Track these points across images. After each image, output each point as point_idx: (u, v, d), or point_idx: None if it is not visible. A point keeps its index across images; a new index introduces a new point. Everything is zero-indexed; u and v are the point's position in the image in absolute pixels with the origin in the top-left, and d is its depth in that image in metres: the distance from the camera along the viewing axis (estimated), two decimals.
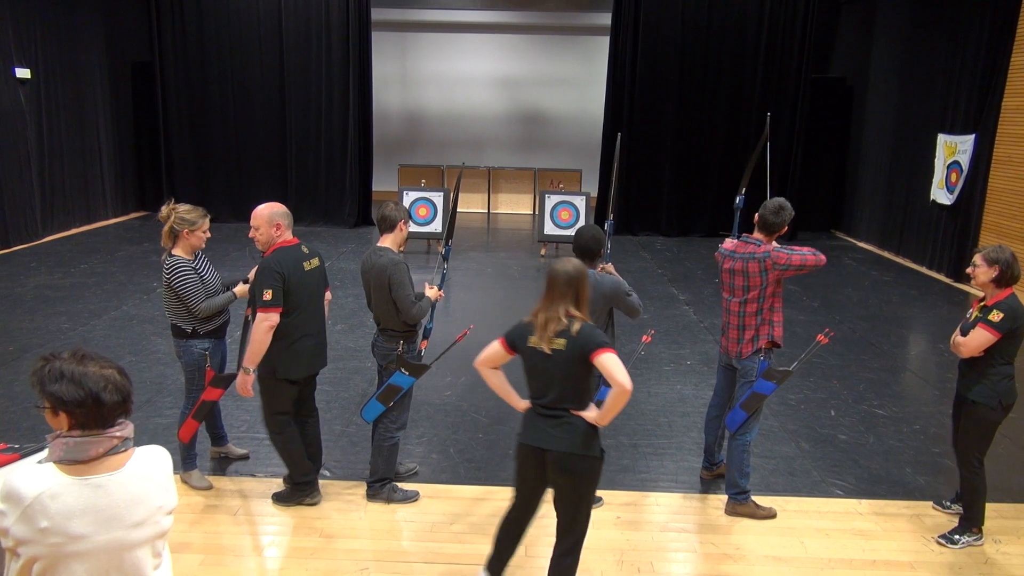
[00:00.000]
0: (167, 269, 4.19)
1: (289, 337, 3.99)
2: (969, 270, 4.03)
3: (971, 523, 4.11)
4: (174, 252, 4.22)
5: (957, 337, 4.01)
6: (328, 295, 4.32)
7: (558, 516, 3.32)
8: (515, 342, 3.21)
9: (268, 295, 3.87)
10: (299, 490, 4.29)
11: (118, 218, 13.24)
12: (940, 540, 4.12)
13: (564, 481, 3.20)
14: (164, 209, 4.25)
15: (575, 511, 3.28)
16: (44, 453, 2.01)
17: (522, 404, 3.32)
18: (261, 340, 3.90)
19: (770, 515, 4.35)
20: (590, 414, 3.14)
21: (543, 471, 3.21)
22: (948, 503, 4.47)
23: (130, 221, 13.29)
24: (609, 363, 2.99)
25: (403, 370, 4.18)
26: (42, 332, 7.13)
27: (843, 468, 4.98)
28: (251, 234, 4.08)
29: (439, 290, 4.38)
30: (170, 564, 2.16)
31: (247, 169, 13.55)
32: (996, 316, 3.84)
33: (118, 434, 1.97)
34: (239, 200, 13.03)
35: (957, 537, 4.10)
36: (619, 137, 6.57)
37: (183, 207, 4.24)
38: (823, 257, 4.14)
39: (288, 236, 4.07)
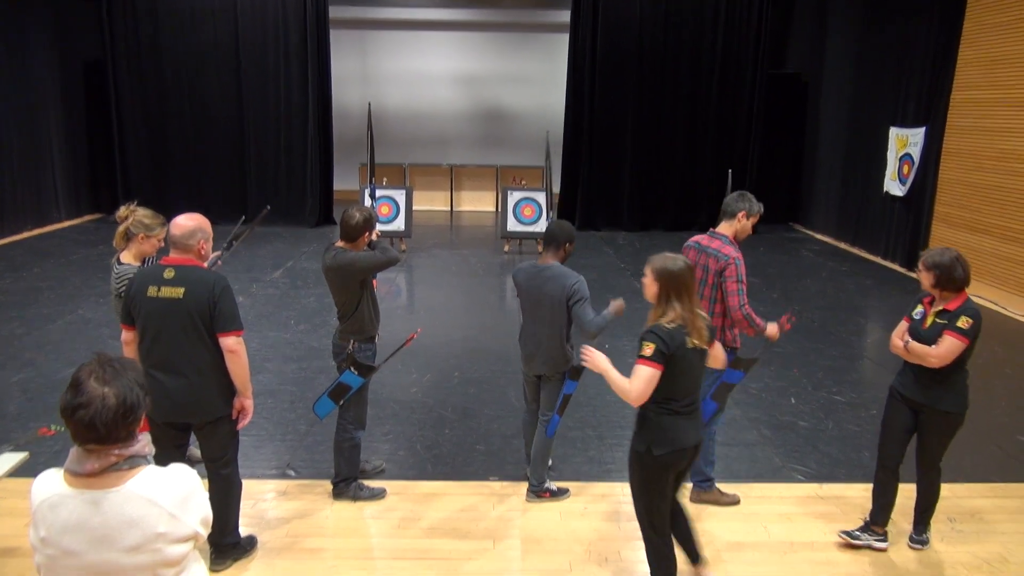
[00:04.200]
0: (116, 277, 4.10)
1: (143, 364, 3.40)
2: (916, 273, 3.80)
3: (927, 520, 4.02)
4: (123, 258, 4.13)
5: (915, 346, 3.69)
6: (228, 341, 3.42)
7: (676, 501, 3.48)
8: (673, 353, 3.05)
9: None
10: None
11: (71, 221, 12.93)
12: (914, 546, 3.99)
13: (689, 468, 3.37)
14: (123, 209, 4.16)
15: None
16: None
17: None
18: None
19: (734, 502, 4.42)
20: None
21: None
22: (857, 532, 4.03)
23: (84, 224, 12.98)
24: (720, 348, 3.38)
25: (352, 369, 4.16)
26: None
27: (804, 454, 5.09)
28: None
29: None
30: None
31: (205, 169, 13.33)
32: (965, 323, 3.56)
33: (118, 451, 1.86)
34: (197, 201, 12.74)
35: (925, 537, 4.01)
36: (547, 134, 6.60)
37: (143, 211, 4.15)
38: (753, 320, 4.11)
39: (174, 254, 3.48)
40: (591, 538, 4.06)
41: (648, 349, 3.03)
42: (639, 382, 3.05)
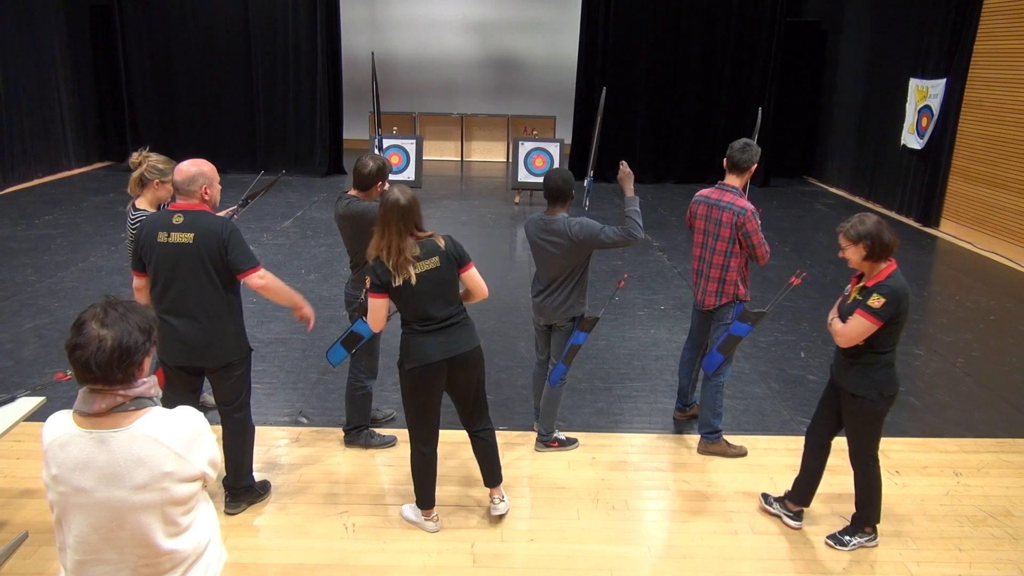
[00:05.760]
0: (131, 223, 4.11)
1: (156, 310, 3.45)
2: (840, 254, 3.41)
3: (864, 522, 3.65)
4: (138, 204, 4.14)
5: (835, 323, 3.42)
6: (252, 279, 3.45)
7: (468, 406, 3.67)
8: (386, 285, 3.30)
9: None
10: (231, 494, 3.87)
11: (81, 168, 12.90)
12: (829, 542, 3.66)
13: (473, 374, 3.55)
14: (136, 155, 4.15)
15: (483, 395, 3.70)
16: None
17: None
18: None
19: (741, 453, 4.46)
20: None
21: (445, 378, 3.47)
22: (773, 499, 3.92)
23: (94, 171, 12.96)
24: (477, 276, 3.55)
25: (364, 318, 4.17)
26: (8, 285, 7.00)
27: (812, 407, 5.01)
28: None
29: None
30: (206, 533, 2.10)
31: (213, 117, 13.22)
32: (877, 301, 3.23)
33: (123, 392, 1.89)
34: (206, 149, 12.60)
35: (847, 538, 3.64)
36: (603, 92, 6.40)
37: (157, 157, 4.15)
38: (768, 258, 4.37)
39: (180, 200, 3.47)
40: (599, 487, 4.11)
41: (367, 283, 3.36)
42: (370, 313, 3.43)
